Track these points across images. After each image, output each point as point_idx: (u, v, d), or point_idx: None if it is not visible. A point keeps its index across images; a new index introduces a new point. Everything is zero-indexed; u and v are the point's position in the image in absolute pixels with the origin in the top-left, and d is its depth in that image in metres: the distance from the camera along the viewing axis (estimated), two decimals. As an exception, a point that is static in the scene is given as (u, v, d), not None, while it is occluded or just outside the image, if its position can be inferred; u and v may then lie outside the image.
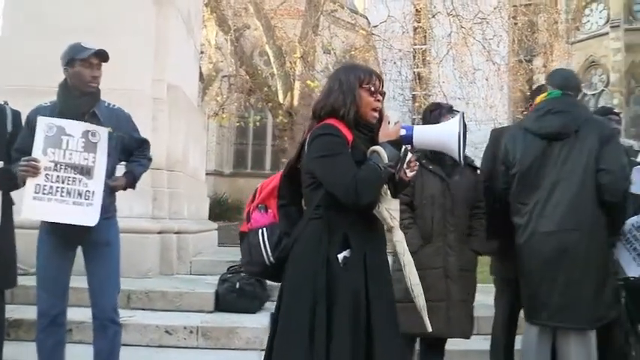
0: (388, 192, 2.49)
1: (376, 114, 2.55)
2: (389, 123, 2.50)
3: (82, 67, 3.35)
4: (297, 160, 2.58)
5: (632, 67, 29.16)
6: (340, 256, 2.37)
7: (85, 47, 3.37)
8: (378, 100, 2.57)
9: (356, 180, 2.33)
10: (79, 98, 3.38)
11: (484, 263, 13.07)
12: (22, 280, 4.43)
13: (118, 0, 6.26)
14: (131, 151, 3.62)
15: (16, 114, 3.72)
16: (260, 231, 2.57)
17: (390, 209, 2.46)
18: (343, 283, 2.35)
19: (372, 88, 2.55)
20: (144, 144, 3.70)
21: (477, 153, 16.08)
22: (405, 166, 2.46)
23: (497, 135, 4.10)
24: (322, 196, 2.42)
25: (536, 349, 3.34)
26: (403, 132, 2.50)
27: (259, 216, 2.62)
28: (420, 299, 2.50)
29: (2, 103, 3.79)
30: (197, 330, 4.79)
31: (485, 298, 6.90)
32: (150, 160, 3.77)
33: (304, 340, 2.32)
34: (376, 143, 2.46)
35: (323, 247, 2.39)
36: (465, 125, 2.56)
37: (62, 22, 5.75)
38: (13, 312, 4.49)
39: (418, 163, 2.67)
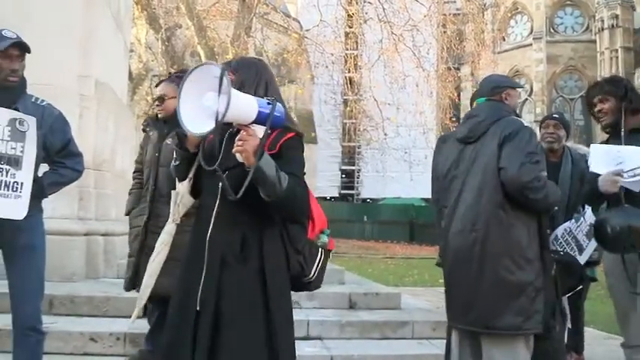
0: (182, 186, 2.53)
1: None
2: None
3: (1, 58, 3.13)
4: None
5: (553, 77, 30.43)
6: None
7: (5, 36, 3.14)
8: None
9: None
10: (1, 93, 3.19)
11: (414, 266, 13.20)
12: None
13: (43, -9, 6.02)
14: (55, 152, 3.36)
15: None
16: None
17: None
18: None
19: None
20: (67, 148, 3.41)
21: (406, 157, 16.38)
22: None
23: (443, 142, 4.17)
24: None
25: (457, 352, 3.38)
26: None
27: None
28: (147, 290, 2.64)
29: None
30: (124, 337, 4.61)
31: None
32: (76, 171, 3.46)
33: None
34: None
35: None
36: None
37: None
38: None
39: None
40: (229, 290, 2.29)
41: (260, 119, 2.21)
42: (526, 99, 29.99)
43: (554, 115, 4.38)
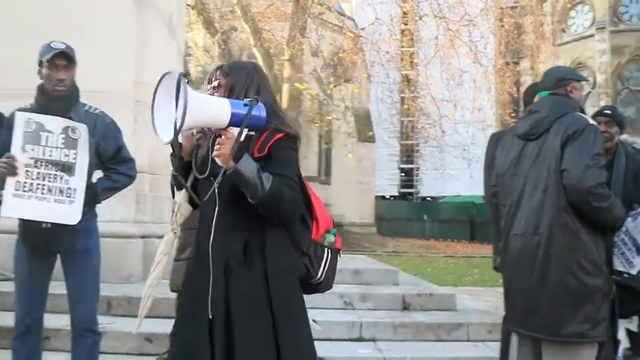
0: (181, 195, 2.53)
1: None
2: None
3: (48, 69, 3.25)
4: None
5: (618, 68, 29.34)
6: None
7: (52, 47, 3.25)
8: None
9: None
10: (53, 101, 3.29)
11: (474, 265, 13.01)
12: (1, 286, 4.35)
13: (97, 1, 6.17)
14: (108, 159, 3.46)
15: None
16: None
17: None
18: None
19: None
20: (120, 154, 3.50)
21: (465, 154, 16.13)
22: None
23: (497, 138, 4.06)
24: None
25: (515, 357, 3.28)
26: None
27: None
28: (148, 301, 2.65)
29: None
30: (180, 337, 4.70)
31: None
32: (129, 177, 3.55)
33: None
34: None
35: None
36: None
37: (40, 24, 5.62)
38: (-11, 319, 4.40)
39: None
40: (236, 296, 2.28)
41: (236, 121, 2.19)
42: (589, 92, 29.00)
43: (606, 112, 4.14)
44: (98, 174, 3.51)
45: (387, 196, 32.09)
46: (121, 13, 6.26)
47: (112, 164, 3.49)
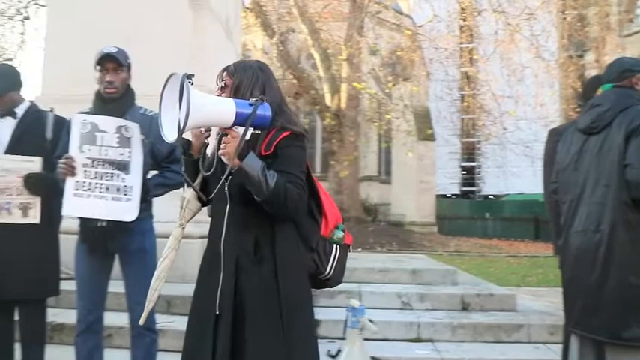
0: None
1: None
2: None
3: (99, 72, 3.36)
4: None
5: (689, 59, 28.02)
6: None
7: (102, 51, 3.35)
8: None
9: None
10: (108, 104, 3.38)
11: (538, 265, 12.71)
12: (66, 285, 4.49)
13: (154, 7, 6.33)
14: (162, 159, 3.53)
15: (59, 121, 3.66)
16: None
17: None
18: None
19: None
20: (173, 154, 3.53)
21: (527, 151, 15.76)
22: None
23: (556, 133, 3.95)
24: None
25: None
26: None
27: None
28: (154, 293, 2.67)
29: (49, 110, 3.80)
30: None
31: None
32: (181, 175, 3.64)
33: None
34: None
35: None
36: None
37: (102, 30, 5.81)
38: (56, 316, 4.56)
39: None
40: (246, 293, 2.33)
41: (241, 121, 2.22)
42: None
43: None
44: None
45: (448, 195, 31.66)
46: (177, 18, 6.39)
47: (166, 163, 3.57)
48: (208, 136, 2.43)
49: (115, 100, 3.38)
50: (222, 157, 2.30)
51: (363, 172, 23.28)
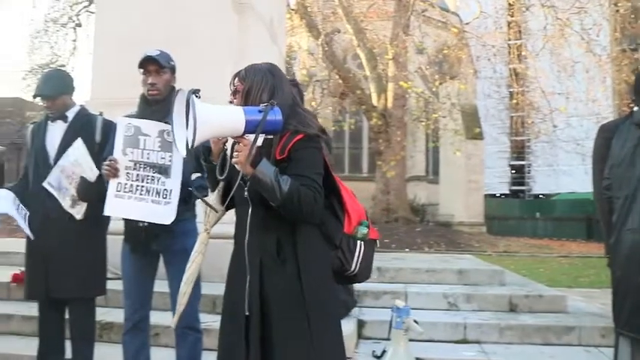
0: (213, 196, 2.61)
1: None
2: None
3: (143, 74, 3.45)
4: None
5: None
6: None
7: (144, 54, 3.43)
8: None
9: None
10: (152, 106, 3.45)
11: (590, 266, 12.36)
12: (114, 284, 4.60)
13: (199, 11, 6.39)
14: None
15: (108, 125, 3.76)
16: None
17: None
18: None
19: None
20: None
21: (579, 149, 15.32)
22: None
23: (606, 130, 3.85)
24: None
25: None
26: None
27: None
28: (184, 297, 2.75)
29: (98, 114, 3.90)
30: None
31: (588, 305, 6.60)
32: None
33: None
34: None
35: None
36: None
37: (148, 34, 5.91)
38: (105, 315, 4.67)
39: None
40: (271, 293, 2.36)
41: (252, 128, 2.22)
42: None
43: None
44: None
45: (497, 195, 31.17)
46: (221, 21, 6.45)
47: None
48: (226, 141, 2.45)
49: (159, 102, 3.44)
50: (235, 165, 2.32)
51: (410, 172, 23.10)
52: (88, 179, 3.55)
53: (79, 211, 3.62)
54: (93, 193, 3.54)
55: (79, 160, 3.60)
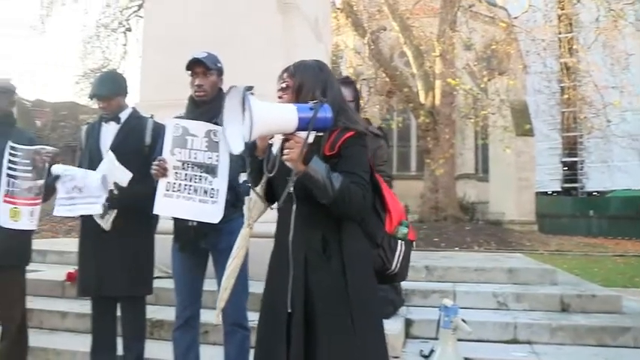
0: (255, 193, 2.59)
1: None
2: None
3: (191, 76, 3.49)
4: None
5: None
6: None
7: (192, 57, 3.47)
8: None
9: None
10: (199, 107, 3.50)
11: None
12: (164, 283, 4.68)
13: (244, 11, 6.46)
14: None
15: (158, 127, 3.80)
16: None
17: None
18: None
19: None
20: None
21: (634, 144, 14.92)
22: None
23: None
24: None
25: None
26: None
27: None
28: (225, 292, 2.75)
29: (149, 116, 3.97)
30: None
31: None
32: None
33: None
34: None
35: None
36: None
37: (196, 37, 6.00)
38: (155, 312, 4.72)
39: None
40: (316, 289, 2.35)
41: (304, 125, 2.22)
42: None
43: None
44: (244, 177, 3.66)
45: (549, 192, 30.52)
46: (267, 21, 6.49)
47: None
48: (272, 137, 2.46)
49: (206, 103, 3.49)
50: (286, 163, 2.32)
51: (459, 170, 22.84)
52: (120, 184, 3.62)
53: (107, 222, 3.69)
54: (128, 197, 3.63)
55: (102, 173, 3.65)
